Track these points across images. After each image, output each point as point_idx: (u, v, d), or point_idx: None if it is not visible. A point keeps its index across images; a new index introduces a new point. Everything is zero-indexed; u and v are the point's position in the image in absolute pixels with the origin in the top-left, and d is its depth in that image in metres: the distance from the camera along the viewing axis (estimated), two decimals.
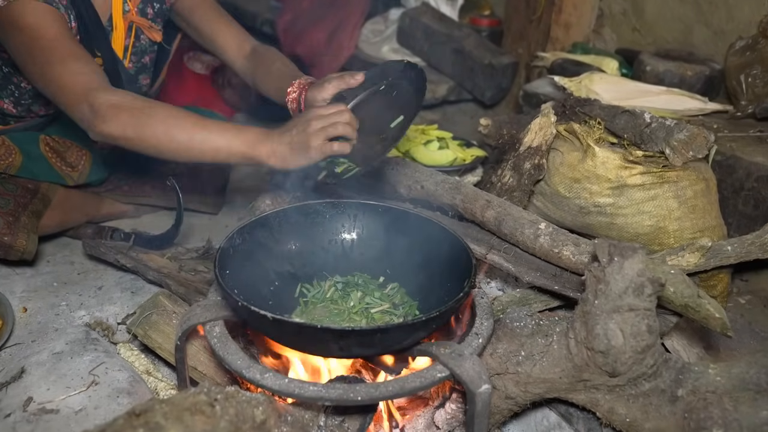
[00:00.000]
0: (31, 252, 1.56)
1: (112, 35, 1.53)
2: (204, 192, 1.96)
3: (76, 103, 1.22)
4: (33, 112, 1.63)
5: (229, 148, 1.18)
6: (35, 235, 1.58)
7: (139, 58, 1.63)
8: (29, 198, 1.61)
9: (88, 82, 1.23)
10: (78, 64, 1.26)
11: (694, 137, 1.38)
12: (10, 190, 1.59)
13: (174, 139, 1.19)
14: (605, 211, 1.44)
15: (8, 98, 1.57)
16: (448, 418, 1.11)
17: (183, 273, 1.49)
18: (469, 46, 2.64)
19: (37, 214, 1.61)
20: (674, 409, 1.01)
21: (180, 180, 1.58)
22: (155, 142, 1.20)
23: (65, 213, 1.73)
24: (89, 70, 1.26)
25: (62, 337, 1.34)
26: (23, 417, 1.11)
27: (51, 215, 1.66)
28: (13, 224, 1.52)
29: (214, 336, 1.03)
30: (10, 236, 1.51)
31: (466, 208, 1.37)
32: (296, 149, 1.15)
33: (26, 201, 1.60)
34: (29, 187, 1.63)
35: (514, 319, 1.11)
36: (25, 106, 1.60)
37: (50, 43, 1.26)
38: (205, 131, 1.19)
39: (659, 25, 2.34)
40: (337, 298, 1.20)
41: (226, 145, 1.18)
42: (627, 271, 0.94)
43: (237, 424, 0.83)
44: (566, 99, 1.61)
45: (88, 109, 1.20)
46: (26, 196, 1.60)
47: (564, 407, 1.18)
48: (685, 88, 1.93)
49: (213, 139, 1.18)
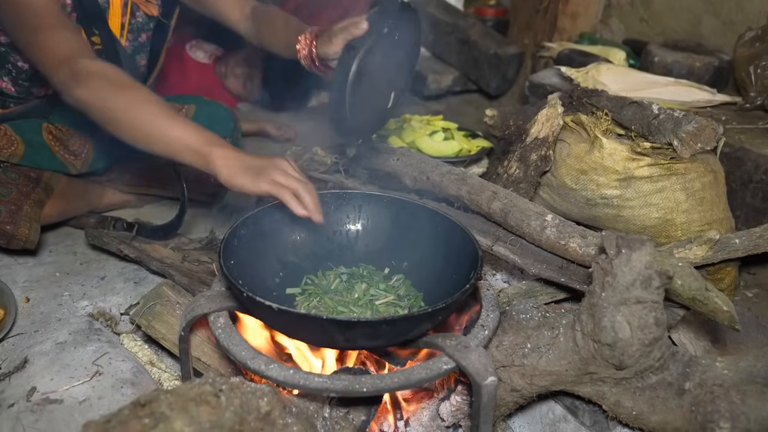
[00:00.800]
0: (33, 241, 1.55)
1: (109, 12, 1.52)
2: (206, 182, 1.96)
3: (58, 65, 1.22)
4: (32, 94, 1.63)
5: (186, 140, 1.16)
6: (37, 225, 1.57)
7: (136, 36, 1.61)
8: (31, 187, 1.60)
9: (73, 48, 1.24)
10: (66, 32, 1.26)
11: (702, 129, 1.37)
12: (12, 179, 1.58)
13: (135, 117, 1.18)
14: (612, 203, 1.43)
15: (6, 77, 1.57)
16: (453, 411, 1.10)
17: (186, 263, 1.48)
18: (475, 36, 2.62)
19: (39, 203, 1.60)
20: (681, 402, 1.00)
21: (183, 170, 1.57)
22: (115, 116, 1.18)
23: (68, 202, 1.72)
24: (76, 39, 1.28)
25: (65, 327, 1.33)
26: (27, 407, 1.10)
27: (53, 204, 1.65)
28: (15, 213, 1.52)
29: (218, 327, 1.02)
30: (12, 225, 1.51)
31: (472, 199, 1.36)
32: (249, 170, 1.12)
33: (28, 190, 1.59)
34: (31, 176, 1.62)
35: (520, 312, 1.11)
36: (23, 87, 1.59)
37: (41, 11, 1.27)
38: (168, 120, 1.18)
39: (667, 15, 2.32)
40: (341, 289, 1.20)
41: (184, 137, 1.16)
42: (635, 263, 0.93)
43: (242, 414, 0.82)
44: (573, 90, 1.60)
45: (69, 72, 1.20)
46: (28, 185, 1.60)
47: (570, 400, 1.17)
48: (694, 80, 1.91)
49: (173, 128, 1.17)
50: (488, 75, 2.60)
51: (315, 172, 1.58)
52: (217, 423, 0.79)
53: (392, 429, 1.12)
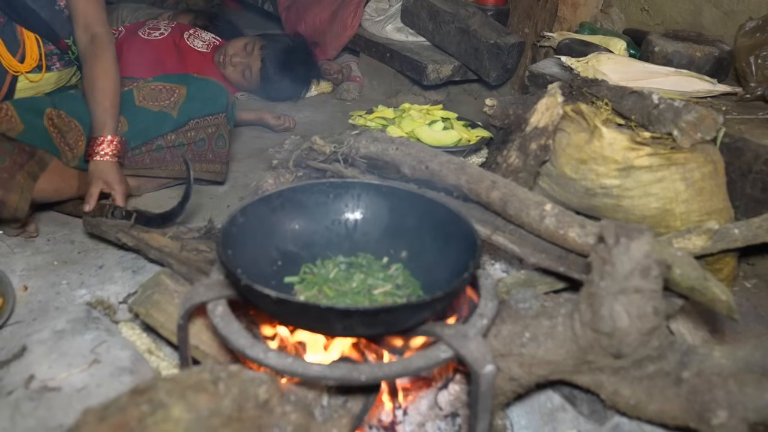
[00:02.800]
0: (23, 210, 1.55)
1: None
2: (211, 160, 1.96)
3: None
4: None
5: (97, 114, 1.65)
6: (29, 194, 1.57)
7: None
8: (26, 159, 1.60)
9: None
10: None
11: (702, 119, 1.37)
12: (7, 150, 1.58)
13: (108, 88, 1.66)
14: (612, 192, 1.43)
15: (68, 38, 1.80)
16: (452, 400, 1.10)
17: (185, 252, 1.48)
18: (475, 26, 2.61)
19: (33, 176, 1.61)
20: (679, 392, 1.00)
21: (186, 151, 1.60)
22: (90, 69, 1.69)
23: (63, 179, 1.72)
24: None
25: (63, 315, 1.33)
26: (25, 395, 1.10)
27: (48, 179, 1.66)
28: (7, 181, 1.52)
29: (216, 315, 1.02)
30: (3, 191, 1.50)
31: (471, 188, 1.36)
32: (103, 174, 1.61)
33: (23, 161, 1.59)
34: (26, 150, 1.62)
35: (518, 301, 1.11)
36: None
37: None
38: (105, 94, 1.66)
39: (668, 5, 2.31)
40: (340, 278, 1.20)
41: (99, 110, 1.64)
42: (634, 252, 0.93)
43: (240, 402, 0.82)
44: (573, 79, 1.59)
45: None
46: (23, 156, 1.60)
47: (568, 389, 1.18)
48: (694, 70, 1.90)
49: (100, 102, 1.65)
50: (488, 64, 2.59)
51: (314, 162, 1.57)
52: (215, 410, 0.79)
53: (390, 417, 1.12)
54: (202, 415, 0.78)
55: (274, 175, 1.53)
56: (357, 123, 1.91)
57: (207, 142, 1.95)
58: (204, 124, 1.93)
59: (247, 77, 2.70)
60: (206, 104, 1.92)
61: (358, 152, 1.54)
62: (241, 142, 2.45)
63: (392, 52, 2.85)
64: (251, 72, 2.69)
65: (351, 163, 1.57)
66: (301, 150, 1.60)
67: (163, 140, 1.87)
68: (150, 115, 1.84)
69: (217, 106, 1.93)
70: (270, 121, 2.55)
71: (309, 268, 1.22)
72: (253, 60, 2.68)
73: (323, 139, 1.61)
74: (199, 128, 1.92)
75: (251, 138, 2.50)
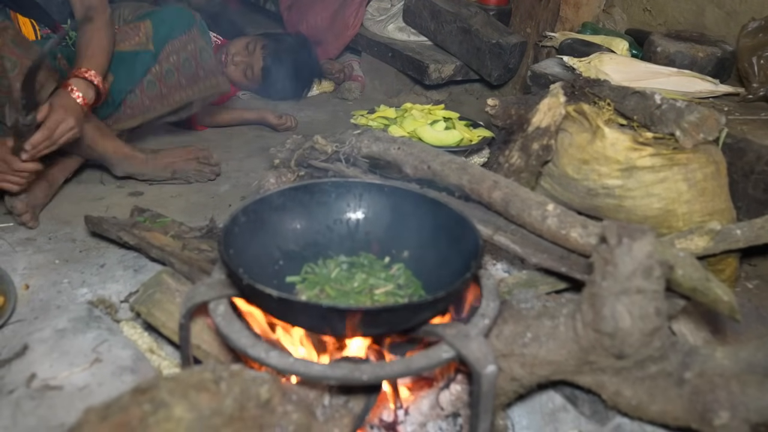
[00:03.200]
0: None
1: None
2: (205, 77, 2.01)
3: None
4: None
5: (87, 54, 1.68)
6: None
7: None
8: None
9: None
10: None
11: (704, 119, 1.36)
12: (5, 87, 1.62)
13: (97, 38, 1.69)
14: (614, 193, 1.43)
15: None
16: (453, 400, 1.10)
17: (186, 251, 1.48)
18: (477, 25, 2.61)
19: None
20: (681, 392, 1.00)
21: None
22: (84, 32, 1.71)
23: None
24: None
25: (65, 314, 1.33)
26: (27, 393, 1.10)
27: None
28: None
29: (218, 314, 1.02)
30: None
31: (473, 188, 1.36)
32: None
33: None
34: None
35: (520, 301, 1.10)
36: None
37: None
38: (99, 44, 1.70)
39: (670, 5, 2.31)
40: (341, 278, 1.19)
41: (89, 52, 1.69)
42: (636, 252, 0.92)
43: (242, 401, 0.82)
44: (575, 79, 1.59)
45: None
46: None
47: (569, 390, 1.17)
48: (696, 70, 1.90)
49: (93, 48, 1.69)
50: (490, 64, 2.59)
51: (315, 161, 1.57)
52: (217, 410, 0.79)
53: (391, 417, 1.12)
54: (203, 415, 0.78)
55: (276, 175, 1.53)
56: (359, 122, 1.91)
57: (193, 61, 1.97)
58: (181, 44, 1.95)
59: (248, 76, 2.70)
60: (174, 26, 1.94)
61: (359, 152, 1.54)
62: (243, 141, 2.45)
63: (394, 52, 2.85)
64: (253, 71, 2.69)
65: (353, 163, 1.57)
66: (302, 149, 1.60)
67: (151, 75, 1.91)
68: (129, 57, 1.87)
69: (185, 24, 1.95)
70: (272, 120, 2.55)
71: (311, 268, 1.22)
72: (254, 59, 2.68)
73: (325, 138, 1.61)
74: (179, 50, 1.95)
75: (253, 137, 2.50)
